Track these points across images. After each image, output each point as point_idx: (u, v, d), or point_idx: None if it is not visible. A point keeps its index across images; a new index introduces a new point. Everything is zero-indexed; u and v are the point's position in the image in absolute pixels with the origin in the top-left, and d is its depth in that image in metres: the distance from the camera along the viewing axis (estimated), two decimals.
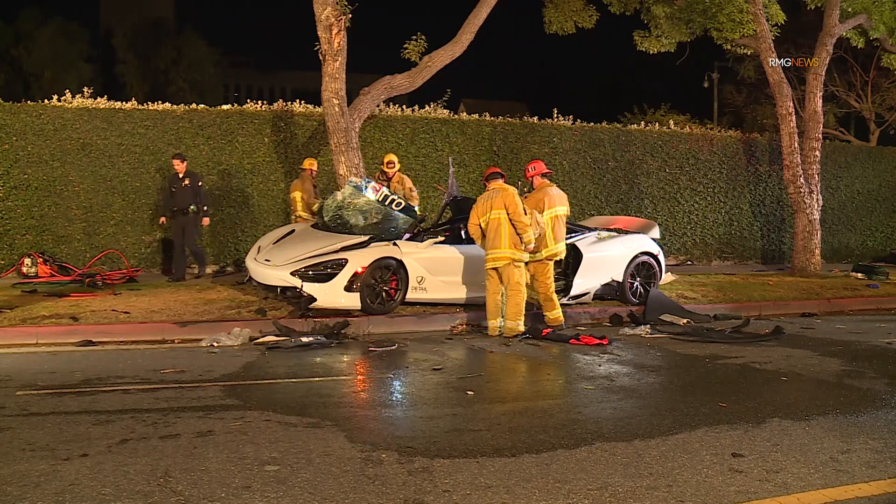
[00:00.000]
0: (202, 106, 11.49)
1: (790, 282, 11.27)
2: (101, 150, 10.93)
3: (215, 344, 6.85)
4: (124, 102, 11.28)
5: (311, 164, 10.24)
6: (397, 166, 10.23)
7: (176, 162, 9.88)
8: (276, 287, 7.94)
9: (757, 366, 6.21)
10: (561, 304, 8.32)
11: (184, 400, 4.88)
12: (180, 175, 9.87)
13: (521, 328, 7.57)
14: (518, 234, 7.50)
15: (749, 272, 12.54)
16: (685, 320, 8.44)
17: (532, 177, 8.29)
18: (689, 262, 13.91)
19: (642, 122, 14.79)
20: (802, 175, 12.46)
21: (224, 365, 6.01)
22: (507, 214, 7.50)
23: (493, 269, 7.63)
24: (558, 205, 8.06)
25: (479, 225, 7.72)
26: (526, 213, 7.58)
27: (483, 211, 7.69)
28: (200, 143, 11.21)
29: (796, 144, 12.40)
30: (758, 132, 15.73)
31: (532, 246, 7.61)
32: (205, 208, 9.93)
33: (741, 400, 5.04)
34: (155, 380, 5.43)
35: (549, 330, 7.57)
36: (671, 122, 15.03)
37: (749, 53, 13.55)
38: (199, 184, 9.92)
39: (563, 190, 8.47)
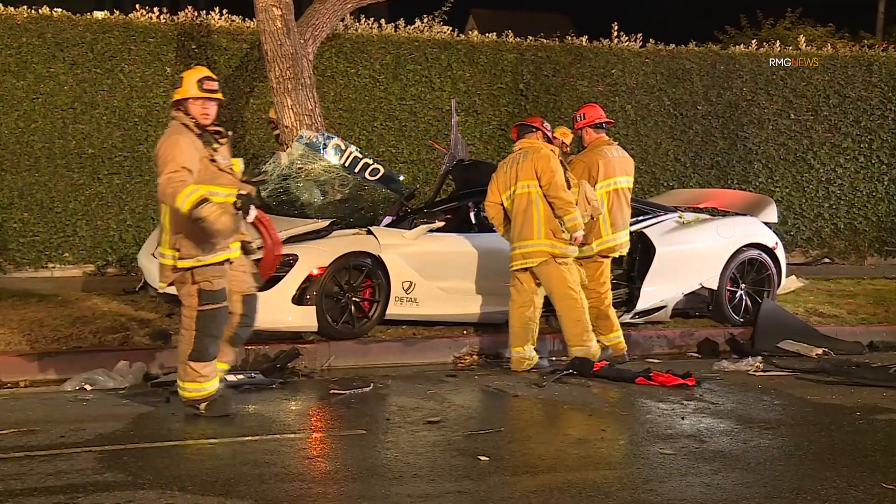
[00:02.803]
0: (61, 11, 11.44)
1: None
2: None
3: (88, 387, 6.84)
4: None
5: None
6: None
7: None
8: None
9: None
10: (622, 324, 8.33)
11: (33, 477, 4.86)
12: None
13: (596, 351, 7.63)
14: (558, 217, 7.53)
15: None
16: (820, 350, 8.45)
17: (581, 127, 8.29)
18: (826, 260, 13.91)
19: (752, 43, 14.63)
20: None
21: (102, 419, 6.00)
22: (540, 187, 7.53)
23: (524, 270, 7.67)
24: (619, 174, 8.06)
25: (502, 204, 7.74)
26: (569, 186, 7.59)
27: (506, 183, 7.71)
28: (60, 71, 11.16)
29: None
30: None
31: (580, 234, 7.62)
32: None
33: None
34: None
35: (604, 363, 7.60)
36: (801, 38, 14.95)
37: None
38: None
39: (628, 147, 8.50)
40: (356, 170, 8.56)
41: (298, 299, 7.73)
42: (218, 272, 6.04)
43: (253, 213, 6.20)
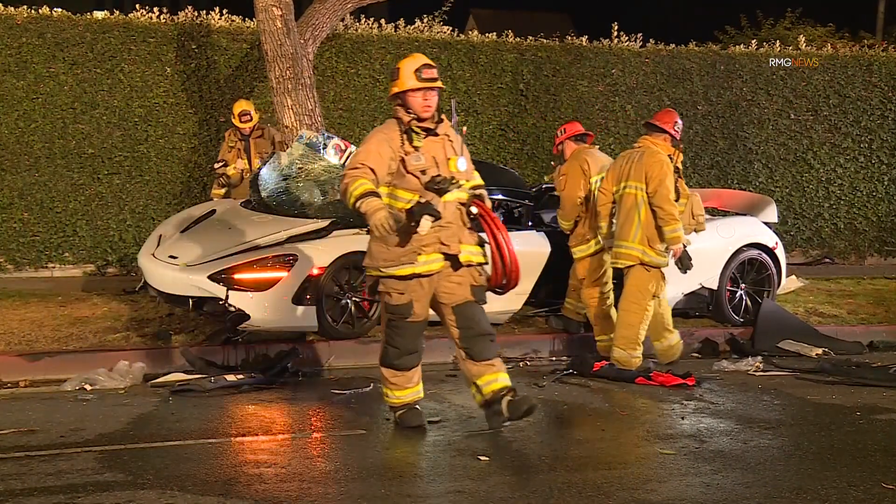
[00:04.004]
0: (61, 11, 11.46)
1: None
2: None
3: (88, 387, 6.84)
4: None
5: (243, 108, 10.27)
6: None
7: None
8: (187, 298, 7.96)
9: None
10: None
11: (33, 477, 4.86)
12: None
13: (637, 363, 7.56)
14: (658, 227, 7.44)
15: None
16: (820, 350, 8.45)
17: (562, 142, 8.43)
18: (827, 260, 13.89)
19: (752, 43, 14.62)
20: None
21: (102, 419, 6.00)
22: (647, 193, 7.47)
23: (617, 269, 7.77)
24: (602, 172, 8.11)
25: (614, 197, 7.73)
26: (678, 197, 7.55)
27: (618, 177, 7.68)
28: (60, 71, 11.17)
29: None
30: None
31: (679, 248, 7.50)
32: None
33: None
34: None
35: (604, 363, 7.60)
36: (801, 38, 14.95)
37: None
38: None
39: (628, 147, 8.52)
40: None
41: (298, 299, 7.72)
42: (400, 287, 5.64)
43: (426, 225, 5.37)
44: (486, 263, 5.78)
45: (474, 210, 5.64)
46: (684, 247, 7.54)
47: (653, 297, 7.55)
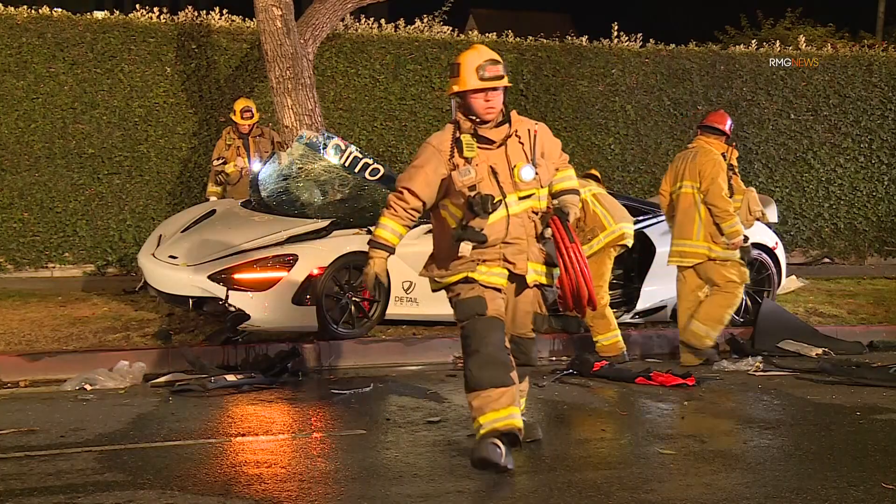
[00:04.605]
0: (61, 11, 11.46)
1: None
2: None
3: (88, 387, 6.84)
4: None
5: (245, 104, 10.27)
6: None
7: None
8: (187, 298, 7.97)
9: None
10: (621, 324, 8.35)
11: (33, 477, 4.86)
12: None
13: (709, 346, 7.84)
14: (716, 224, 7.74)
15: None
16: (820, 350, 8.45)
17: None
18: (826, 260, 13.91)
19: (752, 43, 14.63)
20: None
21: (102, 419, 6.00)
22: (700, 192, 7.72)
23: (681, 268, 8.00)
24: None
25: (671, 197, 8.00)
26: (733, 193, 7.82)
27: (675, 177, 7.98)
28: (60, 71, 11.18)
29: None
30: None
31: (739, 240, 7.80)
32: None
33: None
34: None
35: (603, 363, 7.59)
36: (801, 38, 14.96)
37: None
38: None
39: (628, 147, 8.56)
40: (356, 170, 8.56)
41: (298, 299, 7.73)
42: (462, 288, 5.02)
43: (466, 248, 4.83)
44: (551, 287, 5.17)
45: (548, 233, 5.03)
46: (746, 239, 7.82)
47: (741, 284, 7.88)
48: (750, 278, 9.22)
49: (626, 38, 13.32)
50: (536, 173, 4.95)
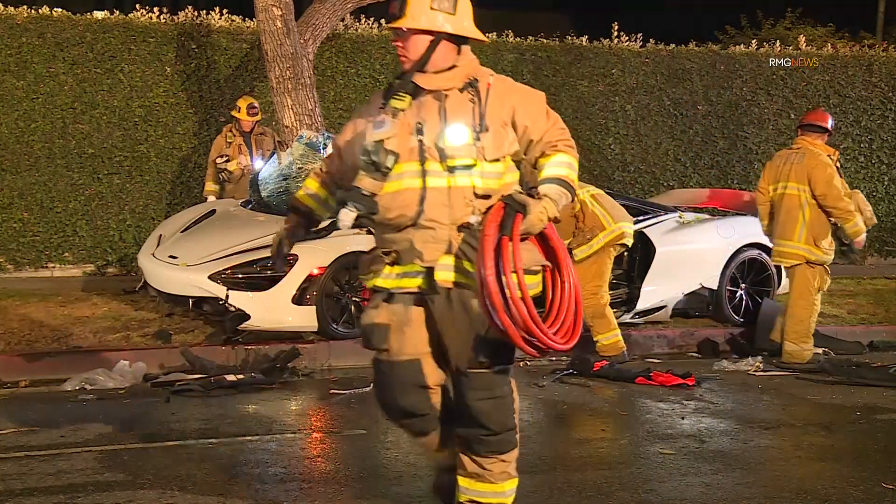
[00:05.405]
0: (61, 11, 11.45)
1: None
2: None
3: (88, 387, 6.84)
4: None
5: (251, 101, 10.28)
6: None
7: None
8: (187, 298, 7.97)
9: None
10: (621, 324, 8.33)
11: (33, 477, 4.85)
12: None
13: (808, 356, 7.89)
14: (838, 225, 7.81)
15: None
16: (820, 350, 8.45)
17: None
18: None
19: (752, 43, 14.62)
20: None
21: (102, 419, 5.99)
22: (814, 197, 7.75)
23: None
24: None
25: (771, 196, 8.00)
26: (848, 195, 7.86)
27: (775, 176, 7.98)
28: (60, 71, 11.17)
29: None
30: None
31: (862, 239, 7.92)
32: None
33: None
34: None
35: (604, 363, 7.59)
36: (801, 38, 14.94)
37: None
38: None
39: (628, 147, 8.54)
40: None
41: (298, 299, 7.72)
42: (370, 302, 3.95)
43: (346, 218, 3.65)
44: (472, 288, 3.59)
45: (473, 220, 3.64)
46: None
47: (818, 291, 7.95)
48: (749, 280, 9.26)
49: (626, 38, 13.30)
50: (479, 139, 3.66)
